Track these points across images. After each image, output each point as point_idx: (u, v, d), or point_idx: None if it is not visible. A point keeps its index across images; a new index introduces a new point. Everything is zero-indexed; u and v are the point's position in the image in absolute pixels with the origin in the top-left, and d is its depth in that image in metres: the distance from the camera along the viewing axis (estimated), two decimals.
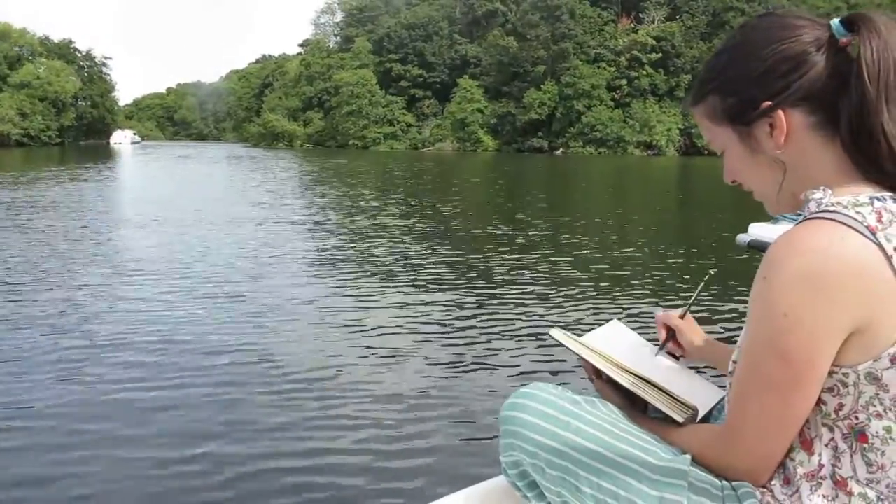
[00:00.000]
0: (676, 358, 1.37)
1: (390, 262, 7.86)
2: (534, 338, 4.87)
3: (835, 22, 0.95)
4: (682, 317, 1.37)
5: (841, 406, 0.91)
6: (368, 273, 7.26)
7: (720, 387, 1.23)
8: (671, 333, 1.37)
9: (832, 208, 0.90)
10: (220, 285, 6.41)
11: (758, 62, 0.97)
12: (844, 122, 0.93)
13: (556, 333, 1.27)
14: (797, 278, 0.86)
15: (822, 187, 0.95)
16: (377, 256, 8.28)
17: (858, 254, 0.85)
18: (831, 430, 0.93)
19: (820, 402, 0.92)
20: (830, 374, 0.90)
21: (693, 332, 1.35)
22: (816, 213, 0.92)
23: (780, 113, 0.96)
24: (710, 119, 1.04)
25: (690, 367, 1.38)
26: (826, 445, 0.93)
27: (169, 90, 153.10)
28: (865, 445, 0.91)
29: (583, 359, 1.24)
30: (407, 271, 7.35)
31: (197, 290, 6.19)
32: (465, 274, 7.28)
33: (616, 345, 1.29)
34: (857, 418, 0.91)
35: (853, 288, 0.85)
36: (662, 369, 1.29)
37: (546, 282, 6.86)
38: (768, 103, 0.96)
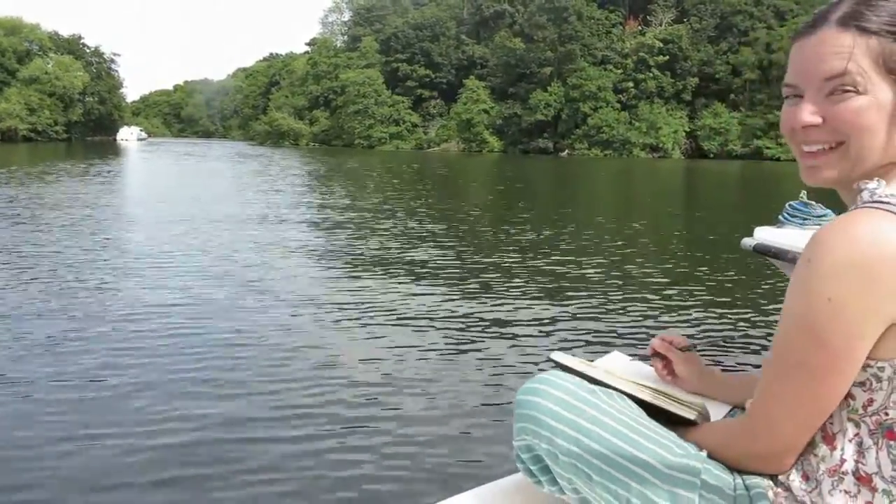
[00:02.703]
0: None
1: (394, 265, 7.88)
2: (543, 340, 4.90)
3: None
4: (684, 349, 1.32)
5: (871, 401, 0.90)
6: (373, 275, 7.29)
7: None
8: (663, 357, 1.33)
9: (886, 199, 0.89)
10: (222, 281, 6.45)
11: None
12: None
13: (558, 357, 1.23)
14: (844, 264, 0.84)
15: (875, 178, 0.93)
16: (383, 259, 8.31)
17: None
18: (857, 425, 0.92)
19: (849, 396, 0.91)
20: (865, 367, 0.89)
21: (690, 361, 1.30)
22: (869, 202, 0.90)
23: None
24: (867, 55, 0.92)
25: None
26: (850, 441, 0.92)
27: (176, 87, 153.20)
28: (892, 443, 0.89)
29: (588, 378, 1.19)
30: (412, 275, 7.37)
31: (199, 285, 6.23)
32: (470, 278, 7.29)
33: (619, 370, 1.26)
34: (886, 414, 0.90)
35: None
36: (672, 386, 1.28)
37: (550, 292, 6.87)
38: None
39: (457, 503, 1.33)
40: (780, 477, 0.98)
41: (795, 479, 0.96)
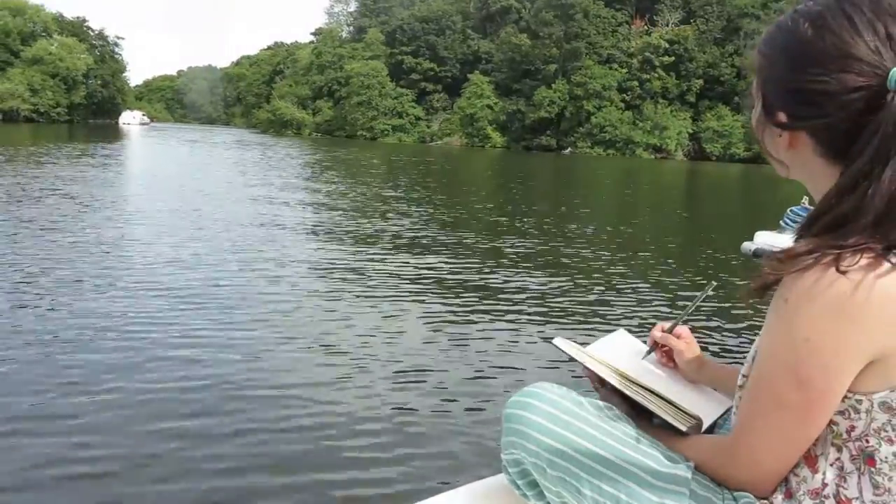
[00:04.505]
0: None
1: (392, 265, 7.86)
2: (539, 339, 4.88)
3: (895, 72, 0.84)
4: (669, 330, 1.33)
5: (853, 427, 0.90)
6: (369, 274, 7.26)
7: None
8: (659, 345, 1.34)
9: None
10: (217, 280, 6.42)
11: (796, 77, 0.91)
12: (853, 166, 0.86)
13: (560, 342, 1.25)
14: (821, 304, 0.83)
15: None
16: (380, 259, 8.29)
17: (884, 282, 0.82)
18: (840, 449, 0.92)
19: (831, 422, 0.91)
20: (844, 398, 0.89)
21: (690, 352, 1.30)
22: None
23: (789, 133, 0.94)
24: (756, 69, 1.00)
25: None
26: (831, 465, 0.93)
27: (179, 73, 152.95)
28: (873, 469, 0.90)
29: (587, 368, 1.22)
30: (409, 273, 7.35)
31: (194, 280, 6.21)
32: (468, 276, 7.27)
33: (621, 354, 1.28)
34: (867, 441, 0.90)
35: (877, 317, 0.83)
36: (668, 380, 1.28)
37: (551, 286, 6.86)
38: (784, 120, 0.94)
39: (444, 501, 1.34)
40: None
41: (778, 497, 0.97)
